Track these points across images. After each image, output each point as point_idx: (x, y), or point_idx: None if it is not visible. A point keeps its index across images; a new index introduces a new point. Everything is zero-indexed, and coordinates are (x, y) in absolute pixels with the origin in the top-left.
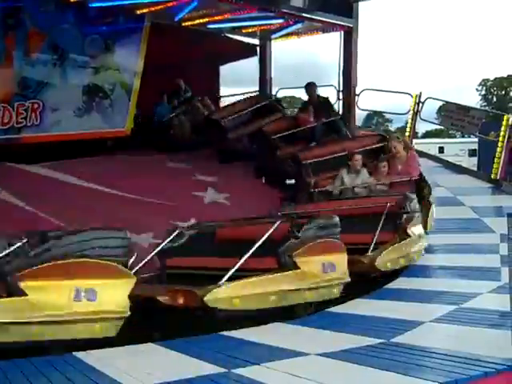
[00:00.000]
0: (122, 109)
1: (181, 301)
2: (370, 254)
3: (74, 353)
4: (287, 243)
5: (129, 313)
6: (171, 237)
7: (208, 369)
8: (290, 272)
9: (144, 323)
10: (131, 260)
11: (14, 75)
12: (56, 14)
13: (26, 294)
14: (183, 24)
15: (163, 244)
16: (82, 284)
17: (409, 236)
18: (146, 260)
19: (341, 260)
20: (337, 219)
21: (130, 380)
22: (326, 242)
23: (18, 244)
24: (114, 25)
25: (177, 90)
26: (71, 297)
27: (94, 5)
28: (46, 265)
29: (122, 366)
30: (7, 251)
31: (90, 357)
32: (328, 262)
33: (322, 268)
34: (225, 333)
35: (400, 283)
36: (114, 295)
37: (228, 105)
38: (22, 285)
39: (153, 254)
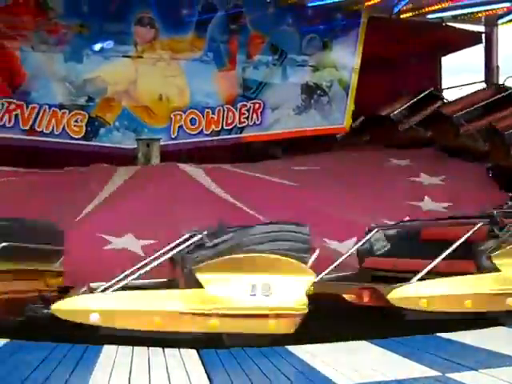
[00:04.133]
0: (340, 106)
1: (366, 299)
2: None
3: (286, 346)
4: (486, 243)
5: (307, 310)
6: (368, 236)
7: (421, 371)
8: (489, 275)
9: (328, 321)
10: (313, 257)
11: (237, 77)
12: (275, 16)
13: (203, 287)
14: (401, 16)
15: (360, 244)
16: (259, 279)
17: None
18: (342, 258)
19: None
20: None
21: (337, 375)
22: None
23: (198, 237)
24: (331, 22)
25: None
26: (247, 291)
27: (312, 4)
28: (223, 258)
29: (330, 361)
30: (187, 243)
31: (301, 350)
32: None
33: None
34: (442, 334)
35: None
36: (290, 292)
37: (460, 98)
38: (199, 277)
39: (349, 253)
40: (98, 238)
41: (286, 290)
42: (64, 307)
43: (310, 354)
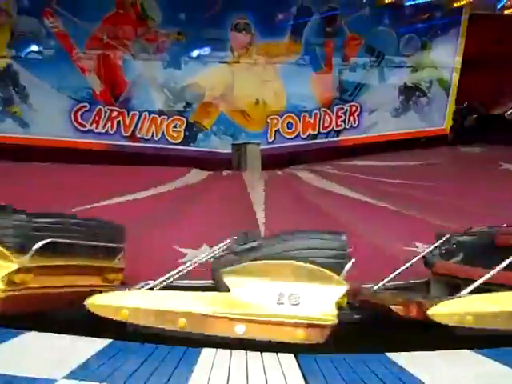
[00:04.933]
0: (441, 106)
1: (413, 312)
2: None
3: (387, 354)
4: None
5: (336, 321)
6: (438, 242)
7: None
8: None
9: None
10: (347, 266)
11: (334, 80)
12: (372, 17)
13: (229, 290)
14: (506, 12)
15: (429, 249)
16: (287, 287)
17: None
18: (407, 265)
19: None
20: None
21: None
22: None
23: (227, 242)
24: (429, 21)
25: None
26: (274, 299)
27: (409, 3)
28: (250, 263)
29: (429, 369)
30: (218, 247)
31: (401, 357)
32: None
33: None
34: None
35: None
36: (319, 302)
37: None
38: (227, 280)
39: (415, 259)
40: (173, 251)
41: (313, 300)
42: (97, 302)
43: (410, 361)
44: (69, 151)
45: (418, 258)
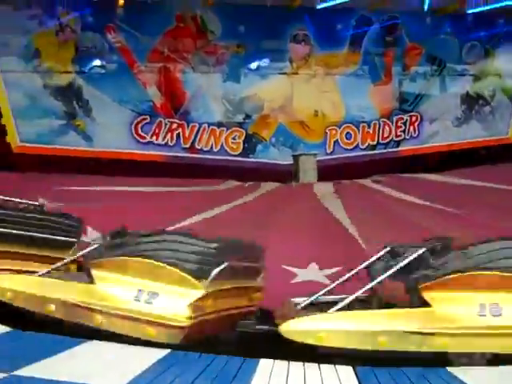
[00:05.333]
0: (505, 115)
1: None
2: None
3: (448, 368)
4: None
5: (188, 323)
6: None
7: None
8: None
9: None
10: (213, 272)
11: (393, 90)
12: (433, 26)
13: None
14: None
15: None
16: (143, 284)
17: None
18: (339, 281)
19: None
20: None
21: None
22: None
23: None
24: (493, 28)
25: None
26: (131, 294)
27: (471, 11)
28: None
29: None
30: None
31: (463, 373)
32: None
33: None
34: None
35: None
36: (172, 302)
37: None
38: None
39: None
40: (285, 272)
41: (166, 300)
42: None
43: (474, 378)
44: (129, 162)
45: (354, 271)
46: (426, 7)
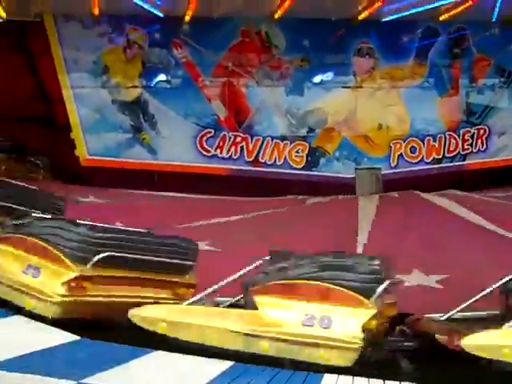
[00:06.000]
0: None
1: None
2: None
3: None
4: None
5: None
6: None
7: None
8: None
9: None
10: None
11: (460, 103)
12: (501, 37)
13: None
14: None
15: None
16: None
17: None
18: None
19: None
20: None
21: None
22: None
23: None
24: None
25: None
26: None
27: None
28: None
29: None
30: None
31: None
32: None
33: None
34: None
35: None
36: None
37: None
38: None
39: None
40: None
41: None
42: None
43: None
44: (194, 175)
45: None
46: (494, 17)
